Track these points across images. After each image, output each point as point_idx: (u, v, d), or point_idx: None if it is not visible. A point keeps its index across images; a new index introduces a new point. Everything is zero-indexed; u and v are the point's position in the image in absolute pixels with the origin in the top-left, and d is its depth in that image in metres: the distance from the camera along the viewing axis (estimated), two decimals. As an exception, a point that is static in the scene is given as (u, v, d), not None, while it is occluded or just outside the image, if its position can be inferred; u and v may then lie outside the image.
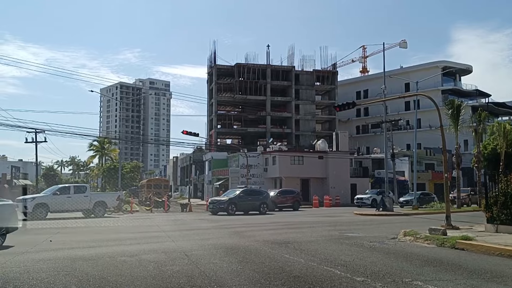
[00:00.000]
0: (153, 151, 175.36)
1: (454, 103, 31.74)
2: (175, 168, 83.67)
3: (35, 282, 6.47)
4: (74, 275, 7.02)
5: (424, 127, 62.27)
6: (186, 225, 18.85)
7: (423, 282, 6.62)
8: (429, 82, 58.02)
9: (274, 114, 69.04)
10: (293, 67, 70.30)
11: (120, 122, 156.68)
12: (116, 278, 6.77)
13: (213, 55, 69.55)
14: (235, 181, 48.12)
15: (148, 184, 50.66)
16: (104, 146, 74.03)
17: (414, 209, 29.95)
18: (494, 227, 12.87)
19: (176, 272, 7.26)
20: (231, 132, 71.37)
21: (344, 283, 6.52)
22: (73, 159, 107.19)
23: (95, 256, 8.98)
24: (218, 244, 11.14)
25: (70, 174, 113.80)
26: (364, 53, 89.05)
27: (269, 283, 6.49)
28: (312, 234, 13.56)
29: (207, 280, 6.71)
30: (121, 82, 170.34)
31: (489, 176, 14.00)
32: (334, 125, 70.01)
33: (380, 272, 7.35)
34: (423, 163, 53.71)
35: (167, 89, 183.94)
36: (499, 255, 9.41)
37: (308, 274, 7.14)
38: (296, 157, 47.06)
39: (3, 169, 59.52)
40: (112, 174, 65.16)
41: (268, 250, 9.96)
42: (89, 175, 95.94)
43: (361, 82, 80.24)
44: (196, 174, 64.60)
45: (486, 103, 68.72)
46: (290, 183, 42.67)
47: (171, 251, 9.78)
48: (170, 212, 30.20)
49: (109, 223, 19.78)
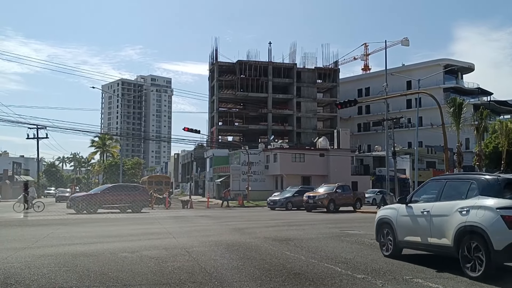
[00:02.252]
0: (154, 147, 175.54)
1: (456, 101, 31.75)
2: (176, 165, 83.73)
3: (36, 277, 6.48)
4: (75, 270, 7.03)
5: (426, 125, 62.22)
6: (187, 221, 18.87)
7: (424, 279, 6.62)
8: (431, 80, 57.95)
9: (276, 111, 69.01)
10: (295, 64, 70.21)
11: (121, 118, 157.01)
12: (117, 274, 6.78)
13: (214, 52, 69.58)
14: (236, 178, 48.20)
15: (149, 180, 50.77)
16: (105, 142, 74.14)
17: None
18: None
19: (177, 268, 7.26)
20: (233, 129, 71.38)
21: (345, 280, 6.52)
22: (74, 155, 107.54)
23: (96, 252, 8.99)
24: (219, 240, 11.15)
25: (72, 170, 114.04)
26: (366, 51, 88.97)
27: (269, 279, 6.49)
28: (313, 232, 13.56)
29: (208, 276, 6.71)
30: (123, 79, 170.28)
31: (491, 175, 13.97)
32: (336, 122, 69.95)
33: (381, 270, 7.35)
34: (424, 161, 53.71)
35: (169, 86, 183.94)
36: (500, 254, 9.39)
37: (309, 271, 7.14)
38: (297, 154, 47.08)
39: (5, 165, 59.63)
40: (113, 170, 65.30)
41: (269, 247, 9.96)
42: (90, 171, 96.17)
43: (363, 80, 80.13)
44: (197, 171, 64.66)
45: (488, 101, 68.61)
46: (291, 181, 42.69)
47: (172, 247, 9.79)
48: (171, 209, 30.23)
49: (105, 219, 19.81)
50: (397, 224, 8.53)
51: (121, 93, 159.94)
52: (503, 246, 6.09)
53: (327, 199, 26.85)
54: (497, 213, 6.28)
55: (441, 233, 7.28)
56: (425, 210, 7.75)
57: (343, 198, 28.02)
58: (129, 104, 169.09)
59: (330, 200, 26.91)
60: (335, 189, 27.95)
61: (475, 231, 6.52)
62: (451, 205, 7.21)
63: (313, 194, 27.81)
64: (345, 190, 28.60)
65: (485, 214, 6.46)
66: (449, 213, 7.15)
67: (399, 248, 8.57)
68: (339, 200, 27.52)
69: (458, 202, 7.10)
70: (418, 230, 7.94)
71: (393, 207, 9.09)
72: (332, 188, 28.14)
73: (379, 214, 9.45)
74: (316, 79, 71.46)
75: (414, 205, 8.19)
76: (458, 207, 6.98)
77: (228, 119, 69.26)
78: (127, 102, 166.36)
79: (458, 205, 7.00)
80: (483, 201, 6.67)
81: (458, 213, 6.91)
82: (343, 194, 28.03)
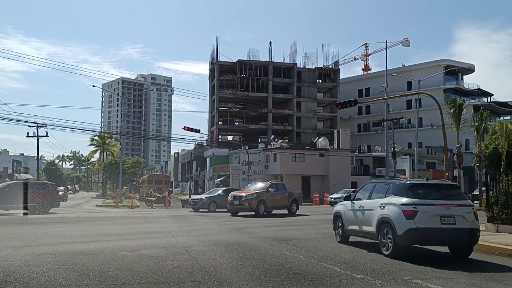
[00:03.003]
0: (154, 146, 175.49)
1: (456, 102, 31.71)
2: (176, 164, 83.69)
3: (35, 275, 6.48)
4: (74, 269, 7.04)
5: (426, 126, 62.19)
6: (186, 221, 18.87)
7: (423, 280, 6.63)
8: (431, 81, 57.94)
9: (276, 111, 69.00)
10: (295, 64, 70.17)
11: (121, 117, 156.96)
12: (116, 273, 6.78)
13: (215, 52, 69.50)
14: (236, 177, 48.18)
15: (149, 179, 50.65)
16: (105, 141, 74.09)
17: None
18: (495, 226, 12.87)
19: (176, 268, 7.27)
20: (233, 128, 71.37)
21: (344, 280, 6.53)
22: (74, 154, 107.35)
23: (96, 251, 9.00)
24: (219, 240, 11.16)
25: (71, 168, 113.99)
26: (366, 51, 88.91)
27: (269, 279, 6.50)
28: (312, 232, 13.58)
29: (207, 275, 6.72)
30: (123, 78, 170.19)
31: (490, 176, 14.00)
32: (336, 123, 69.92)
33: (380, 270, 7.36)
34: (424, 162, 53.70)
35: (169, 85, 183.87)
36: (499, 255, 9.43)
37: (308, 271, 7.15)
38: (297, 154, 47.05)
39: (5, 163, 59.60)
40: (113, 169, 65.14)
41: (268, 246, 9.97)
42: (90, 170, 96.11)
43: (363, 80, 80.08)
44: (197, 171, 64.64)
45: (488, 102, 68.59)
46: (291, 180, 42.70)
47: (171, 246, 9.80)
48: (171, 208, 30.23)
49: (109, 217, 19.81)
50: (344, 217, 10.87)
51: (121, 92, 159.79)
52: (402, 231, 8.51)
53: (256, 199, 21.83)
54: (400, 208, 8.68)
55: (370, 223, 9.55)
56: (361, 206, 10.14)
57: (276, 199, 23.04)
58: (129, 103, 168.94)
59: (260, 201, 21.98)
60: (267, 187, 22.99)
61: (387, 221, 8.90)
62: (375, 202, 9.54)
63: (240, 193, 22.95)
64: (279, 189, 23.70)
65: (393, 208, 8.84)
66: (374, 208, 9.46)
67: (346, 235, 10.89)
68: (271, 202, 22.67)
69: (379, 200, 9.42)
70: (357, 221, 10.30)
71: (343, 203, 11.33)
72: (264, 187, 23.15)
73: (334, 209, 11.72)
74: (316, 79, 71.43)
75: (355, 202, 10.56)
76: (379, 203, 9.32)
77: (228, 118, 69.24)
78: (127, 101, 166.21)
79: (379, 202, 9.36)
80: (393, 199, 9.01)
81: (379, 208, 9.23)
82: (276, 195, 23.10)
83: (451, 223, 8.52)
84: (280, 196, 23.34)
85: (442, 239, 8.76)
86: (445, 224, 8.50)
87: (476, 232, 8.77)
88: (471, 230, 8.65)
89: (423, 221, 8.43)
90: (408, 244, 8.78)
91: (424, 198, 8.71)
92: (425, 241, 8.98)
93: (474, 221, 8.74)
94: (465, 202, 9.05)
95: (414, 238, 8.61)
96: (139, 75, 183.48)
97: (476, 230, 8.75)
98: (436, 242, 9.23)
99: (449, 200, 8.82)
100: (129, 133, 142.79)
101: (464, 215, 8.66)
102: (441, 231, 8.50)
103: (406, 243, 8.68)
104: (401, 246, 8.64)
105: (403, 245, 8.65)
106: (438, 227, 8.47)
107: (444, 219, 8.51)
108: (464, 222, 8.62)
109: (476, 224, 8.81)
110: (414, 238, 8.60)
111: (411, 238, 8.57)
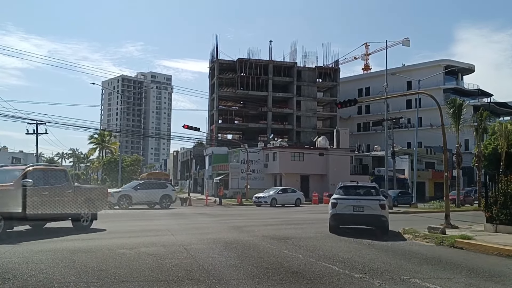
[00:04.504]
0: (154, 144, 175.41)
1: (456, 102, 31.72)
2: (176, 162, 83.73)
3: (34, 272, 6.48)
4: (73, 266, 7.04)
5: (425, 126, 62.21)
6: (185, 219, 18.88)
7: (421, 280, 6.63)
8: (431, 81, 57.95)
9: (276, 110, 68.95)
10: (295, 63, 70.09)
11: (121, 115, 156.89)
12: (114, 271, 6.78)
13: (215, 50, 69.38)
14: (235, 176, 48.18)
15: (148, 177, 50.77)
16: (104, 139, 74.08)
17: (413, 207, 29.98)
18: (494, 226, 12.87)
19: (175, 266, 7.27)
20: (232, 127, 71.32)
21: (342, 279, 6.53)
22: (73, 151, 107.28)
23: (94, 248, 8.99)
24: (217, 238, 11.16)
25: (71, 166, 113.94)
26: (366, 51, 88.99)
27: (267, 278, 6.50)
28: (311, 230, 13.57)
29: (206, 274, 6.72)
30: (123, 75, 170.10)
31: (489, 176, 13.99)
32: (335, 122, 69.91)
33: (378, 269, 7.37)
34: (423, 162, 53.72)
35: (169, 83, 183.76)
36: (498, 255, 9.42)
37: (307, 270, 7.15)
38: (297, 153, 47.04)
39: (4, 160, 59.63)
40: (113, 167, 65.28)
41: (267, 245, 9.97)
42: (89, 167, 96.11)
43: (363, 80, 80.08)
44: (196, 169, 64.66)
45: (488, 102, 68.62)
46: (290, 179, 42.67)
47: (170, 244, 9.80)
48: (170, 206, 30.18)
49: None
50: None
51: (121, 89, 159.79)
52: (331, 215, 12.86)
53: None
54: (332, 201, 13.09)
55: None
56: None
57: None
58: (129, 101, 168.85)
59: None
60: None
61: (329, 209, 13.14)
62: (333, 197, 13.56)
63: None
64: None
65: (332, 201, 13.06)
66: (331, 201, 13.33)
67: None
68: None
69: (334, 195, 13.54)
70: None
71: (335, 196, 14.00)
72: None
73: (331, 198, 13.88)
74: (316, 78, 71.35)
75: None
76: (331, 197, 13.68)
77: (228, 117, 69.17)
78: (127, 98, 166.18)
79: (332, 197, 13.65)
80: (334, 195, 13.38)
81: (330, 200, 13.34)
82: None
83: (361, 211, 12.44)
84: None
85: (355, 221, 12.91)
86: (356, 211, 12.47)
87: (380, 217, 12.41)
88: (375, 215, 12.42)
89: (340, 209, 12.67)
90: (335, 224, 12.85)
91: (346, 194, 13.08)
92: (344, 222, 13.01)
93: (380, 210, 12.42)
94: (374, 197, 12.83)
95: (337, 220, 12.83)
96: (139, 73, 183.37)
97: (380, 216, 12.41)
98: (352, 223, 13.17)
99: (362, 196, 13.07)
100: (129, 131, 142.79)
101: (371, 206, 12.45)
102: (353, 216, 12.58)
103: (334, 223, 12.87)
104: (332, 225, 12.89)
105: (333, 224, 12.88)
106: (351, 213, 12.51)
107: (356, 208, 12.49)
108: (370, 210, 12.41)
109: (382, 212, 12.43)
110: (338, 219, 12.82)
111: (335, 219, 12.83)
